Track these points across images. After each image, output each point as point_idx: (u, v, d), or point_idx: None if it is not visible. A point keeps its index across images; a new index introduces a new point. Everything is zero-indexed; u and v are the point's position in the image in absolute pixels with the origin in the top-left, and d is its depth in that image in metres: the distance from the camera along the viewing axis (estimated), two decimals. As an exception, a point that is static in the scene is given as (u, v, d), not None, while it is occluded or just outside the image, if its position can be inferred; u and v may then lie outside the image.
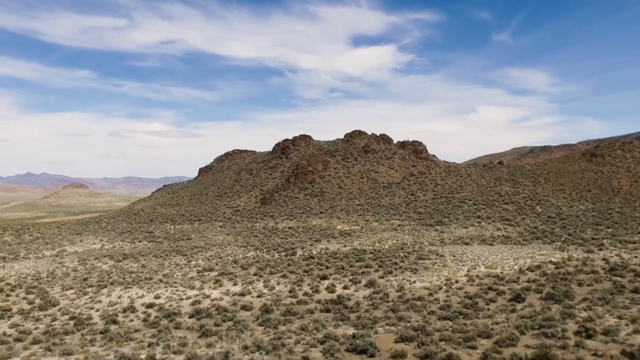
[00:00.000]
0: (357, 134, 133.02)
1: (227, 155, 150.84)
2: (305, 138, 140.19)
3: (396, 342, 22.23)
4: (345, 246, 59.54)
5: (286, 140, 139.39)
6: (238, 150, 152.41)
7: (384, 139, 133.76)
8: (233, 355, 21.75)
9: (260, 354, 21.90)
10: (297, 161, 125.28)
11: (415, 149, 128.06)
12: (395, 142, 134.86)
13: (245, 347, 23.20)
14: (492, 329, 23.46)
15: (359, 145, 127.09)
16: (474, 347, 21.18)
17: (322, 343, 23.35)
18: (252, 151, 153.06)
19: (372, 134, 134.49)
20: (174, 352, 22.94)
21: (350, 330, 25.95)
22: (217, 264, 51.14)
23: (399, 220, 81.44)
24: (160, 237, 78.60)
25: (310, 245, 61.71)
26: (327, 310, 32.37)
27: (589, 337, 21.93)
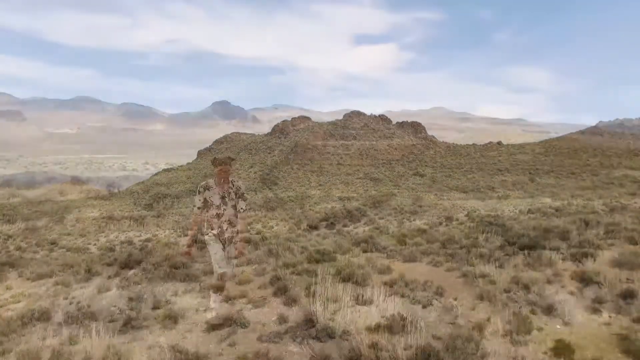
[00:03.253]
0: (356, 114, 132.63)
1: (226, 137, 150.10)
2: (304, 119, 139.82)
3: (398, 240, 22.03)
4: (344, 206, 59.31)
5: (285, 121, 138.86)
6: (237, 132, 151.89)
7: (383, 119, 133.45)
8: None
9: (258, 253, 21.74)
10: (295, 140, 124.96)
11: (414, 128, 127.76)
12: (394, 122, 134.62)
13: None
14: (493, 231, 23.37)
15: (358, 125, 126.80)
16: (475, 238, 21.08)
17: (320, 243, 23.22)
18: (250, 134, 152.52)
19: (371, 114, 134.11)
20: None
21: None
22: (215, 218, 50.94)
23: (397, 190, 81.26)
24: (158, 207, 78.44)
25: (309, 206, 61.52)
26: (326, 238, 32.22)
27: (590, 227, 21.81)
